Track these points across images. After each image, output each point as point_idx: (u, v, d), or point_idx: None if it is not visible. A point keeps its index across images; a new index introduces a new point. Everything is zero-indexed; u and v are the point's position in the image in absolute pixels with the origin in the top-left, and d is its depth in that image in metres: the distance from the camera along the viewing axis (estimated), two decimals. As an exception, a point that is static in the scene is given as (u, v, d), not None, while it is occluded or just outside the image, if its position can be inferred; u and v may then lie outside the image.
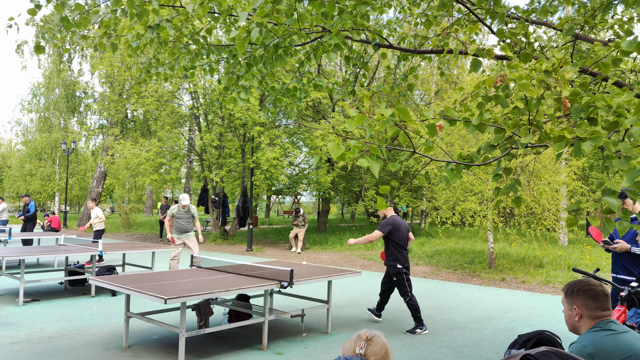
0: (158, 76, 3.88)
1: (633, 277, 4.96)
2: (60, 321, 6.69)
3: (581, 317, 2.53)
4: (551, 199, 11.91)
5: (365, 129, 2.75)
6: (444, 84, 22.99)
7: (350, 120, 1.97)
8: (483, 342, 6.13)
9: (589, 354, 2.36)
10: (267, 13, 2.68)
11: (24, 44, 29.75)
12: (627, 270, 5.03)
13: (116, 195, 51.28)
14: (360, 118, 1.93)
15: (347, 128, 1.91)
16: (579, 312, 2.53)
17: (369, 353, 2.27)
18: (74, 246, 9.58)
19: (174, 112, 18.80)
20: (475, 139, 12.70)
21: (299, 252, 16.34)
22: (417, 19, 3.92)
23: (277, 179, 17.67)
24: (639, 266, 4.94)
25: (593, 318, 2.50)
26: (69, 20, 3.02)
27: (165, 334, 6.18)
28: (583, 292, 2.54)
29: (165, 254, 15.37)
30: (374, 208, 20.85)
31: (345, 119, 18.00)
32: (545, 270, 12.04)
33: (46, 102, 33.32)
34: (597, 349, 2.36)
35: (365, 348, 2.29)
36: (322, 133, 2.27)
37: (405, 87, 4.34)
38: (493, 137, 2.16)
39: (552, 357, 2.03)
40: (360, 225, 30.25)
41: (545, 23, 3.62)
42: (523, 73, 1.96)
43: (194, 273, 6.27)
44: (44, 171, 33.14)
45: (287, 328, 6.63)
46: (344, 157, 2.02)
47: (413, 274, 12.16)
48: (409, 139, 2.06)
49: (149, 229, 26.00)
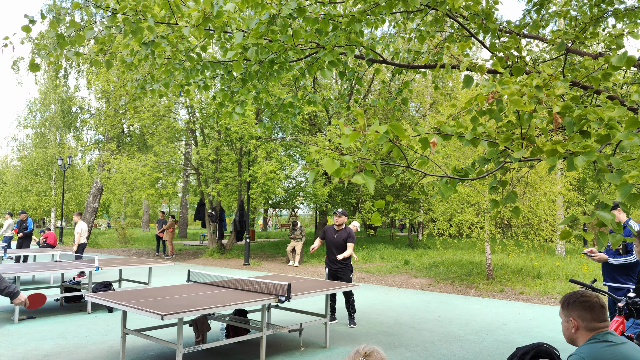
0: (153, 93, 3.90)
1: (624, 286, 5.03)
2: (56, 338, 6.63)
3: (578, 329, 2.53)
4: (548, 210, 11.93)
5: (362, 143, 2.77)
6: (438, 97, 23.14)
7: (344, 137, 1.98)
8: (482, 355, 6.10)
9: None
10: (261, 34, 2.71)
11: (20, 60, 29.83)
12: (615, 280, 5.11)
13: (113, 210, 51.13)
14: (354, 135, 1.95)
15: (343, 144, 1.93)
16: (575, 324, 2.53)
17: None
18: (70, 262, 9.52)
19: (170, 126, 18.83)
20: (472, 150, 12.75)
21: (297, 266, 16.27)
22: (411, 35, 3.96)
23: (273, 192, 17.66)
24: (626, 275, 5.03)
25: (590, 330, 2.50)
26: (64, 37, 3.04)
27: (163, 351, 6.12)
28: (579, 304, 2.54)
29: (161, 269, 15.29)
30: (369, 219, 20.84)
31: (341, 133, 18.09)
32: (543, 281, 12.03)
33: (42, 118, 33.32)
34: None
35: None
36: (317, 149, 2.28)
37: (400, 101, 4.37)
38: (487, 151, 2.17)
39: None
40: (358, 237, 30.21)
41: (537, 37, 3.66)
42: (514, 89, 1.98)
43: (191, 288, 6.24)
44: (39, 187, 33.02)
45: (285, 343, 6.59)
46: (339, 172, 2.03)
47: (411, 286, 12.12)
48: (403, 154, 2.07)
49: (145, 244, 25.88)
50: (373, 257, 17.66)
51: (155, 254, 20.85)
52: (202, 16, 2.76)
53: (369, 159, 2.06)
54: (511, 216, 12.02)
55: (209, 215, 19.86)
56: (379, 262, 16.63)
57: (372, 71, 21.24)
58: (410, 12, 3.97)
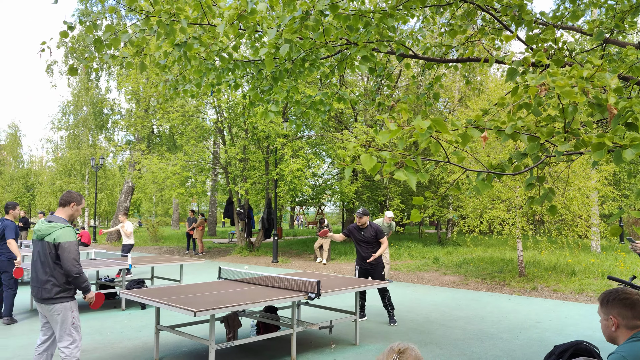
0: (185, 93, 3.95)
1: None
2: (93, 334, 6.80)
3: (618, 327, 2.46)
4: (582, 205, 11.64)
5: (398, 139, 2.73)
6: (467, 91, 22.81)
7: (384, 132, 1.96)
8: (515, 353, 6.00)
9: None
10: (295, 30, 2.71)
11: (54, 64, 30.66)
12: None
13: (144, 209, 52.14)
14: (396, 131, 1.93)
15: (381, 140, 1.91)
16: (615, 322, 2.47)
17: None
18: (105, 260, 9.76)
19: (198, 126, 19.08)
20: (502, 146, 12.53)
21: (324, 263, 16.30)
22: (441, 29, 3.90)
23: (300, 190, 17.72)
24: None
25: (630, 328, 2.43)
26: (101, 42, 3.11)
27: (195, 347, 6.22)
28: (619, 302, 2.48)
29: (192, 267, 15.52)
30: (400, 218, 20.69)
31: (368, 129, 17.98)
32: (578, 278, 11.74)
33: (75, 120, 34.23)
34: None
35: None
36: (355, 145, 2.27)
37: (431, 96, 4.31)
38: (528, 146, 2.12)
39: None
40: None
41: (574, 28, 3.56)
42: (567, 81, 1.91)
43: (222, 285, 6.32)
44: (73, 187, 33.93)
45: (315, 340, 6.60)
46: (376, 168, 2.02)
47: (441, 283, 12.01)
48: (443, 149, 2.04)
49: (176, 242, 26.32)
50: (402, 255, 17.55)
51: (185, 252, 21.18)
52: (236, 14, 2.78)
53: (408, 154, 2.03)
54: (544, 212, 11.77)
55: (237, 214, 20.06)
56: (407, 260, 16.52)
57: (400, 66, 21.08)
58: (441, 6, 3.92)
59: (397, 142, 2.03)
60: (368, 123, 22.37)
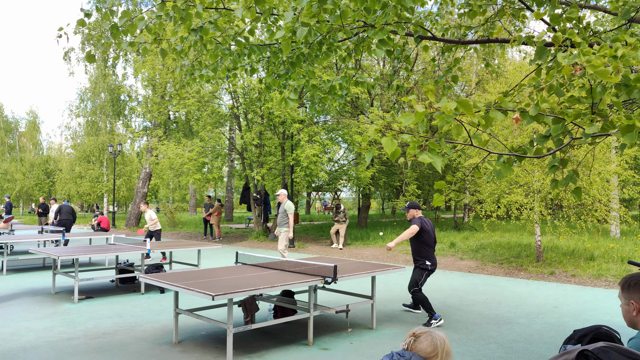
0: (201, 78, 3.95)
1: None
2: (113, 317, 6.93)
3: (639, 312, 2.43)
4: (602, 190, 11.45)
5: (420, 122, 2.65)
6: (484, 75, 22.46)
7: (407, 115, 1.93)
8: (533, 338, 5.97)
9: (651, 350, 2.26)
10: (314, 13, 2.67)
11: (71, 51, 30.89)
12: None
13: (161, 195, 52.71)
14: (421, 114, 1.90)
15: (404, 123, 1.88)
16: (636, 307, 2.43)
17: (415, 349, 2.28)
18: (124, 245, 9.91)
19: (214, 112, 19.13)
20: (520, 129, 12.35)
21: (341, 248, 16.35)
22: (460, 10, 3.83)
23: (316, 176, 17.73)
24: None
25: (651, 312, 2.39)
26: (118, 28, 3.11)
27: (213, 330, 6.31)
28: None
29: (209, 252, 15.69)
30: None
31: (385, 114, 17.83)
32: (596, 263, 11.61)
33: (93, 107, 34.57)
34: (660, 346, 2.26)
35: (411, 344, 2.30)
36: (377, 128, 2.23)
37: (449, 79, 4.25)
38: (552, 128, 2.08)
39: (611, 352, 1.96)
40: (402, 220, 30.01)
41: (597, 7, 3.47)
42: (602, 60, 1.85)
43: (239, 270, 6.37)
44: (92, 173, 34.42)
45: (332, 324, 6.65)
46: (397, 153, 1.99)
47: (457, 268, 11.97)
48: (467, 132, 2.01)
49: (193, 227, 26.60)
50: (418, 240, 17.50)
51: (203, 237, 21.41)
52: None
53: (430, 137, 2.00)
54: (566, 197, 11.59)
55: (254, 199, 20.17)
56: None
57: (416, 50, 20.81)
58: (459, -13, 3.84)
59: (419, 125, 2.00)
60: (384, 108, 22.20)
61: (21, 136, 48.97)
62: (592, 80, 2.01)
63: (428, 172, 23.09)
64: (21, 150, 48.41)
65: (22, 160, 45.92)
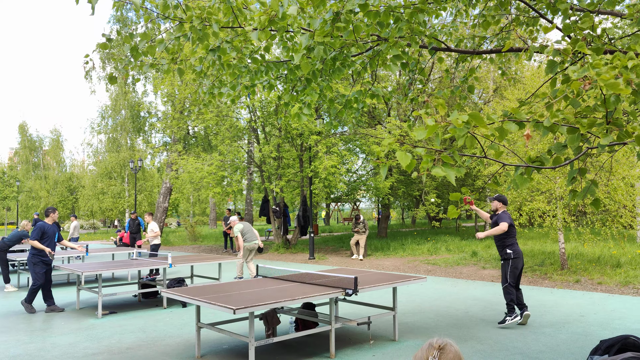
0: (220, 96, 4.02)
1: None
2: (137, 332, 7.01)
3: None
4: (626, 195, 11.23)
5: (435, 134, 2.65)
6: (502, 82, 22.30)
7: (420, 129, 1.94)
8: (560, 348, 5.86)
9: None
10: (327, 33, 2.71)
11: (92, 70, 31.59)
12: None
13: (182, 209, 53.22)
14: (433, 128, 1.91)
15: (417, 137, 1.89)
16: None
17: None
18: (146, 260, 10.03)
19: (232, 126, 19.33)
20: (539, 136, 12.20)
21: (361, 259, 16.28)
22: (475, 21, 3.83)
23: (335, 187, 17.74)
24: None
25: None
26: (138, 49, 3.20)
27: (235, 344, 6.33)
28: None
29: (230, 265, 15.77)
30: (436, 213, 20.43)
31: (402, 124, 17.81)
32: (623, 270, 11.35)
33: (114, 124, 35.24)
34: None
35: (439, 357, 2.25)
36: (390, 142, 2.25)
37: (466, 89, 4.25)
38: (568, 138, 2.06)
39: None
40: (422, 229, 29.77)
41: (613, 13, 3.44)
42: (611, 73, 1.84)
43: (260, 283, 6.40)
44: (114, 189, 35.00)
45: (353, 336, 6.62)
46: (412, 165, 2.00)
47: (480, 277, 11.81)
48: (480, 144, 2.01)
49: (214, 241, 26.78)
50: (439, 249, 17.35)
51: (223, 250, 21.53)
52: (267, 19, 2.81)
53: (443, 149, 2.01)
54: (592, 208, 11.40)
55: (273, 211, 20.25)
56: (445, 254, 16.32)
57: (431, 61, 20.77)
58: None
59: (434, 138, 2.01)
60: (401, 117, 22.17)
61: (45, 154, 50.04)
62: (604, 90, 2.00)
63: (447, 181, 22.92)
64: (45, 168, 49.45)
65: (46, 177, 46.89)
